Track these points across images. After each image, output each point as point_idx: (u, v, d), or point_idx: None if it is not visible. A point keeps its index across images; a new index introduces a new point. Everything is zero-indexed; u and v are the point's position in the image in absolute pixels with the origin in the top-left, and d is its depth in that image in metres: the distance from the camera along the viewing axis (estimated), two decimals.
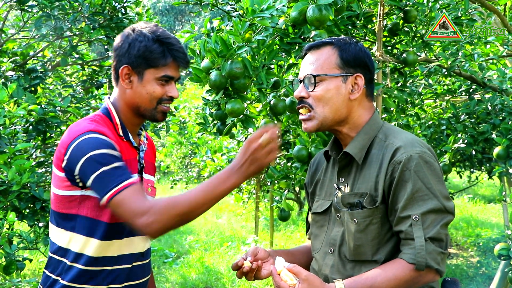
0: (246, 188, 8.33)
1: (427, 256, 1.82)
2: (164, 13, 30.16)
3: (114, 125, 2.15)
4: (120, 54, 2.12)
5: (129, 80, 2.12)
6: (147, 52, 2.07)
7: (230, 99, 2.63)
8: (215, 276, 6.89)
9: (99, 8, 5.05)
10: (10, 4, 4.93)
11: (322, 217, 2.12)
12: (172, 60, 2.11)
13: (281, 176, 3.23)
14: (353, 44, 2.01)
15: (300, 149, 2.95)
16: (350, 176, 2.02)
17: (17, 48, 5.17)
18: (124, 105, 2.17)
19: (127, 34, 2.13)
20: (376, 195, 1.92)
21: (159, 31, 2.11)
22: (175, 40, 2.13)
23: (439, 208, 1.86)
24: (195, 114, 10.28)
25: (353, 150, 1.99)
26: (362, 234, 1.93)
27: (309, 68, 2.01)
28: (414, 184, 1.86)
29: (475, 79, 3.95)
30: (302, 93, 2.01)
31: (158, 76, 2.09)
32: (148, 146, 2.34)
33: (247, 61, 2.49)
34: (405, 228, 1.86)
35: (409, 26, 3.30)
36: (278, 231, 9.39)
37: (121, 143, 2.13)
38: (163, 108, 2.15)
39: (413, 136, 2.00)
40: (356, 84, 1.99)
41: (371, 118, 2.04)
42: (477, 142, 4.15)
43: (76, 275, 2.08)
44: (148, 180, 2.29)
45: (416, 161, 1.87)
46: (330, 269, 2.02)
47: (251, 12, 2.47)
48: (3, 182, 3.48)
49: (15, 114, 3.51)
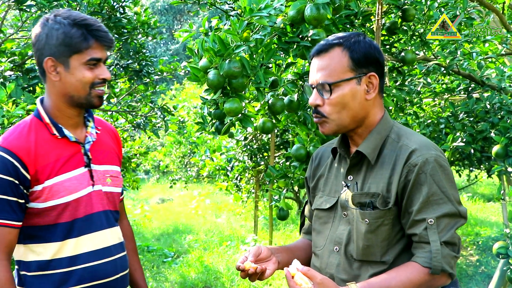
0: (245, 188, 8.33)
1: (442, 260, 1.81)
2: (163, 12, 30.15)
3: (46, 125, 2.11)
4: (39, 47, 2.05)
5: (55, 71, 2.05)
6: (67, 39, 2.00)
7: (228, 99, 2.62)
8: (214, 275, 6.89)
9: (97, 7, 5.05)
10: (9, 4, 4.92)
11: (327, 214, 2.09)
12: (95, 41, 2.04)
13: (279, 175, 3.23)
14: (362, 41, 1.94)
15: (298, 148, 2.95)
16: (360, 174, 1.99)
17: (15, 48, 5.16)
18: (56, 99, 2.11)
19: (42, 25, 2.06)
20: (388, 196, 1.90)
21: (73, 15, 2.04)
22: (92, 20, 2.05)
23: (453, 212, 1.85)
24: (194, 113, 10.28)
25: (366, 150, 1.96)
26: (372, 234, 1.91)
27: (321, 74, 1.94)
28: (429, 188, 1.84)
29: (474, 78, 3.94)
30: (317, 101, 1.95)
31: (84, 60, 2.03)
32: (104, 135, 2.30)
33: (245, 60, 2.49)
34: (420, 231, 1.84)
35: (407, 24, 3.29)
36: (277, 230, 9.39)
37: (56, 142, 2.10)
38: (98, 92, 2.09)
39: (426, 138, 1.98)
40: (371, 83, 1.94)
41: (383, 117, 2.01)
42: (476, 141, 4.15)
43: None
44: (105, 171, 2.22)
45: (432, 164, 1.85)
46: (335, 268, 2.00)
47: (249, 11, 2.46)
48: None
49: (14, 114, 3.50)
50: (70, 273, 2.09)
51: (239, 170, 7.72)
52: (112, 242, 2.20)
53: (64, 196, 2.06)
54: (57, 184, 2.05)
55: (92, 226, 2.13)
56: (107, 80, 2.10)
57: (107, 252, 2.17)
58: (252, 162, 7.59)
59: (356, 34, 1.98)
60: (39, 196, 2.04)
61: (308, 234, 2.32)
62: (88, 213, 2.12)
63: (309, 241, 2.28)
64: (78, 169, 2.12)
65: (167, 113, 6.64)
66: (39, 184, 2.03)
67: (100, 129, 2.29)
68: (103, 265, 2.15)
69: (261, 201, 8.78)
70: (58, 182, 2.06)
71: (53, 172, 2.05)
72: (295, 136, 3.16)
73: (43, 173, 2.03)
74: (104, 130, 2.32)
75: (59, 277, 2.08)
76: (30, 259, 2.10)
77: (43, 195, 2.04)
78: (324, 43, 1.97)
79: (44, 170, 2.04)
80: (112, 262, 2.19)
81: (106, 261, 2.16)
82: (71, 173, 2.09)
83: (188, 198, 13.61)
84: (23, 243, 2.10)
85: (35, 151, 2.03)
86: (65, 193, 2.07)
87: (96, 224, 2.14)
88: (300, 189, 4.56)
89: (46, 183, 2.04)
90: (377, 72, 1.94)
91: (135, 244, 2.51)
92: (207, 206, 12.64)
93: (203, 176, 9.76)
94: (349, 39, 1.95)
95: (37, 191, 2.04)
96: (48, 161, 2.05)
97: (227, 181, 8.22)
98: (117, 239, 2.23)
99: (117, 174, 2.28)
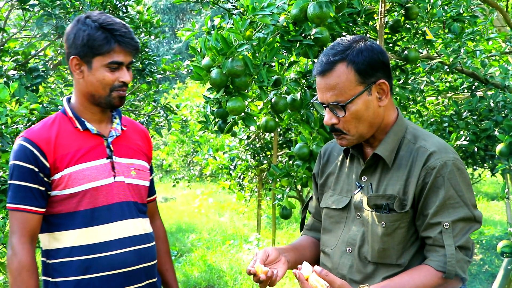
0: (248, 186, 8.32)
1: (456, 264, 1.80)
2: (166, 11, 30.15)
3: (70, 119, 2.24)
4: (68, 46, 2.19)
5: (79, 70, 2.18)
6: (91, 41, 2.12)
7: (231, 97, 2.62)
8: (217, 274, 6.89)
9: (100, 7, 5.05)
10: (12, 4, 4.93)
11: (339, 214, 2.06)
12: (117, 45, 2.14)
13: (282, 174, 3.22)
14: (364, 49, 1.87)
15: (301, 147, 2.95)
16: (375, 176, 1.96)
17: (18, 47, 5.17)
18: (80, 96, 2.24)
19: (73, 25, 2.18)
20: (405, 198, 1.88)
21: (101, 18, 2.15)
22: (119, 25, 2.16)
23: (469, 216, 1.84)
24: (197, 112, 10.28)
25: (384, 153, 1.93)
26: (389, 237, 1.89)
27: (331, 94, 1.88)
28: (446, 191, 1.83)
29: (477, 76, 3.93)
30: (333, 120, 1.92)
31: (105, 63, 2.14)
32: (132, 132, 2.40)
33: (247, 59, 2.49)
34: (435, 235, 1.83)
35: (410, 23, 3.29)
36: (280, 229, 9.39)
37: (78, 134, 2.23)
38: (119, 93, 2.21)
39: (443, 140, 1.96)
40: (381, 89, 1.90)
41: (398, 117, 1.99)
42: (480, 139, 4.14)
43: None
44: (129, 164, 2.31)
45: (450, 168, 1.84)
46: (348, 269, 1.98)
47: (251, 10, 2.46)
48: (5, 181, 3.48)
49: (17, 113, 3.50)
50: (91, 261, 2.17)
51: (242, 169, 7.71)
52: (134, 233, 2.27)
53: (83, 184, 2.17)
54: (76, 172, 2.17)
55: (113, 215, 2.22)
56: (127, 84, 2.20)
57: (128, 242, 2.24)
58: (255, 161, 7.58)
59: (355, 40, 1.91)
60: (59, 183, 2.16)
61: (312, 231, 2.30)
62: (109, 203, 2.22)
63: (313, 239, 2.26)
64: (99, 160, 2.22)
65: (170, 112, 6.65)
66: (58, 172, 2.16)
67: (127, 126, 2.39)
68: (123, 254, 2.21)
69: (264, 200, 8.76)
70: (78, 170, 2.17)
71: (73, 161, 2.17)
72: (298, 135, 3.16)
73: (63, 162, 2.16)
74: (133, 129, 2.42)
75: (81, 264, 2.17)
76: (53, 247, 2.21)
77: (63, 183, 2.16)
78: (326, 62, 1.89)
79: (63, 159, 2.16)
80: (134, 252, 2.25)
81: (126, 250, 2.22)
82: (92, 163, 2.20)
83: (191, 197, 13.61)
84: (48, 232, 2.22)
85: (55, 141, 2.17)
86: (84, 181, 2.17)
87: (117, 214, 2.23)
88: (303, 187, 4.55)
89: (66, 171, 2.16)
90: (384, 75, 1.91)
91: (168, 245, 2.59)
92: (210, 205, 12.64)
93: (206, 175, 9.76)
94: (350, 50, 1.87)
95: (57, 179, 2.16)
96: (68, 150, 2.17)
97: (230, 180, 8.21)
98: (141, 230, 2.30)
99: (143, 168, 2.37)
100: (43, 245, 2.25)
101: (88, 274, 2.17)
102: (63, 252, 2.18)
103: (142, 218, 2.32)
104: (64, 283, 2.18)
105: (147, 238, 2.32)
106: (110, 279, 2.18)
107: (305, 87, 2.98)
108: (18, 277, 2.10)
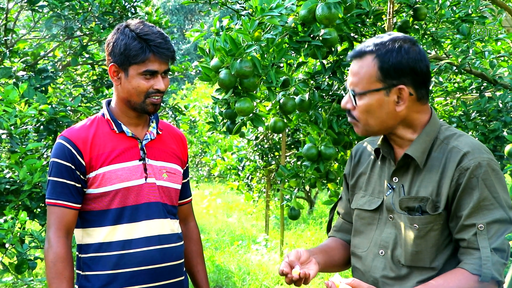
0: (257, 187, 8.33)
1: (492, 267, 1.75)
2: (174, 12, 30.22)
3: (107, 121, 2.36)
4: (108, 53, 2.30)
5: (117, 77, 2.30)
6: (127, 50, 2.22)
7: (239, 98, 2.63)
8: (225, 274, 6.90)
9: (109, 8, 5.07)
10: (21, 5, 4.96)
11: (371, 215, 2.03)
12: (152, 54, 2.23)
13: (291, 175, 3.23)
14: (395, 51, 1.84)
15: (309, 148, 2.95)
16: (407, 177, 1.93)
17: (28, 48, 5.20)
18: (118, 100, 2.35)
19: (113, 33, 2.30)
20: (438, 200, 1.84)
21: (139, 28, 2.25)
22: (155, 35, 2.25)
23: (505, 218, 1.79)
24: (205, 113, 10.29)
25: (415, 154, 1.89)
26: (422, 240, 1.85)
27: (352, 80, 1.91)
28: (481, 192, 1.78)
29: (486, 77, 3.92)
30: (348, 104, 1.94)
31: (141, 71, 2.24)
32: (168, 136, 2.50)
33: (256, 60, 2.49)
34: (469, 237, 1.79)
35: (419, 23, 3.28)
36: (288, 230, 9.38)
37: (114, 135, 2.34)
38: (153, 101, 2.29)
39: (477, 140, 1.91)
40: (401, 95, 1.86)
41: (431, 118, 1.94)
42: (488, 140, 4.12)
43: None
44: (162, 167, 2.40)
45: (485, 168, 1.79)
46: (381, 271, 1.95)
47: (260, 11, 2.46)
48: (14, 182, 3.50)
49: (26, 114, 3.53)
50: (118, 257, 2.28)
51: (250, 170, 7.72)
52: (161, 232, 2.35)
53: (116, 184, 2.28)
54: (110, 172, 2.28)
55: (141, 215, 2.32)
56: (161, 91, 2.29)
57: (155, 241, 2.33)
58: (263, 162, 7.58)
59: (396, 39, 1.88)
60: (94, 182, 2.28)
61: (341, 232, 2.26)
62: (139, 203, 2.32)
63: (342, 241, 2.23)
64: (132, 161, 2.33)
65: (178, 113, 6.66)
66: (93, 171, 2.27)
67: (163, 130, 2.49)
68: (149, 252, 2.31)
69: (272, 200, 8.77)
70: (111, 170, 2.28)
71: (107, 161, 2.28)
72: (306, 136, 3.16)
73: (98, 161, 2.28)
74: (169, 133, 2.52)
75: (109, 259, 2.28)
76: (86, 242, 2.33)
77: (97, 181, 2.27)
78: (359, 48, 1.91)
79: (98, 158, 2.28)
80: (160, 250, 2.34)
81: (152, 248, 2.32)
82: (125, 164, 2.31)
83: (199, 197, 13.63)
84: (82, 228, 2.34)
85: (92, 141, 2.29)
86: (117, 180, 2.28)
87: (145, 213, 2.32)
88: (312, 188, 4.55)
89: (100, 170, 2.27)
90: (411, 83, 1.86)
91: (201, 247, 2.66)
92: (218, 206, 12.65)
93: (214, 175, 9.79)
94: (383, 47, 1.86)
95: (92, 177, 2.28)
96: (103, 151, 2.29)
97: (238, 181, 8.22)
98: (168, 230, 2.38)
99: (175, 172, 2.46)
100: (77, 240, 2.37)
101: (115, 269, 2.28)
102: (94, 247, 2.30)
103: (170, 219, 2.40)
104: (93, 277, 2.30)
105: (174, 238, 2.40)
106: (136, 275, 2.29)
107: (313, 88, 2.98)
108: (53, 267, 2.21)
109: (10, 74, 4.49)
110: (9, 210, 3.36)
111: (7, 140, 3.57)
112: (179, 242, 2.43)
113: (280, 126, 2.99)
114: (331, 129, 2.96)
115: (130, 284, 2.29)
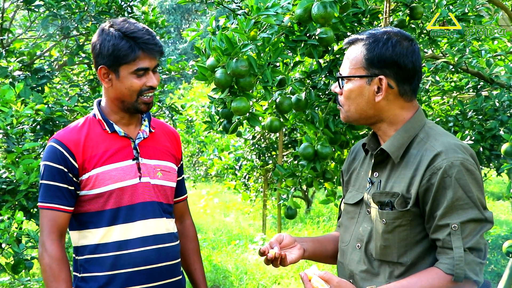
0: (254, 187, 8.33)
1: (466, 267, 1.77)
2: (171, 11, 30.18)
3: (99, 121, 2.34)
4: (95, 55, 2.28)
5: (108, 79, 2.27)
6: (116, 51, 2.20)
7: (235, 97, 2.62)
8: (223, 274, 6.89)
9: (105, 7, 5.06)
10: (17, 4, 4.95)
11: (353, 209, 2.09)
12: (142, 52, 2.22)
13: (287, 174, 3.22)
14: (382, 42, 1.90)
15: (306, 147, 2.95)
16: (385, 172, 1.97)
17: (24, 48, 5.19)
18: (109, 102, 2.34)
19: (98, 34, 2.27)
20: (408, 197, 1.86)
21: (124, 27, 2.23)
22: (142, 32, 2.23)
23: (479, 217, 1.81)
24: (202, 112, 10.29)
25: (390, 148, 1.93)
26: (390, 235, 1.89)
27: (343, 64, 2.00)
28: (454, 192, 1.79)
29: (483, 76, 3.92)
30: (336, 89, 2.02)
31: (132, 70, 2.22)
32: (161, 134, 2.48)
33: (252, 59, 2.49)
34: (443, 237, 1.81)
35: (415, 22, 3.28)
36: (285, 229, 9.38)
37: (106, 136, 2.32)
38: (144, 99, 2.28)
39: (456, 140, 1.92)
40: (380, 85, 1.91)
41: (413, 116, 1.97)
42: (485, 139, 4.13)
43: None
44: (156, 165, 2.39)
45: (458, 168, 1.80)
46: (356, 264, 1.99)
47: (256, 10, 2.46)
48: (11, 182, 3.50)
49: (23, 113, 3.52)
50: (115, 258, 2.27)
51: (247, 169, 7.73)
52: (157, 232, 2.35)
53: (109, 184, 2.26)
54: (103, 173, 2.26)
55: (136, 215, 2.31)
56: (154, 87, 2.29)
57: (150, 241, 2.32)
58: (260, 161, 7.59)
59: (387, 32, 1.94)
60: (87, 184, 2.26)
61: (340, 227, 2.30)
62: (133, 203, 2.30)
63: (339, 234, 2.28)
64: (125, 161, 2.31)
65: (175, 112, 6.65)
66: (86, 173, 2.26)
67: (155, 128, 2.47)
68: (145, 252, 2.30)
69: (270, 200, 8.77)
70: (105, 171, 2.27)
71: (100, 162, 2.27)
72: (303, 135, 3.16)
73: (91, 163, 2.26)
74: (162, 131, 2.51)
75: (105, 261, 2.27)
76: (82, 244, 2.32)
77: (91, 183, 2.26)
78: (355, 36, 1.99)
79: (91, 160, 2.26)
80: (156, 250, 2.33)
81: (148, 248, 2.31)
82: (118, 164, 2.30)
83: (197, 197, 13.61)
84: (78, 230, 2.33)
85: (84, 143, 2.27)
86: (111, 181, 2.27)
87: (140, 213, 2.31)
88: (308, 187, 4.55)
89: (93, 172, 2.26)
90: (393, 76, 1.91)
91: (197, 245, 2.65)
92: (215, 205, 12.64)
93: (211, 175, 9.78)
94: (373, 36, 1.93)
95: (85, 179, 2.26)
96: (96, 152, 2.28)
97: (236, 180, 8.22)
98: (164, 230, 2.37)
99: (170, 170, 2.45)
100: (73, 242, 2.36)
101: (112, 271, 2.27)
102: (90, 249, 2.29)
103: (166, 218, 2.40)
104: (90, 279, 2.29)
105: (169, 238, 2.39)
106: (133, 276, 2.28)
107: (310, 87, 2.98)
108: (49, 270, 2.21)
109: (6, 73, 4.48)
110: (5, 210, 3.36)
111: (4, 140, 3.57)
112: (174, 242, 2.42)
113: (277, 125, 2.98)
114: (327, 128, 2.96)
115: (127, 285, 2.28)
